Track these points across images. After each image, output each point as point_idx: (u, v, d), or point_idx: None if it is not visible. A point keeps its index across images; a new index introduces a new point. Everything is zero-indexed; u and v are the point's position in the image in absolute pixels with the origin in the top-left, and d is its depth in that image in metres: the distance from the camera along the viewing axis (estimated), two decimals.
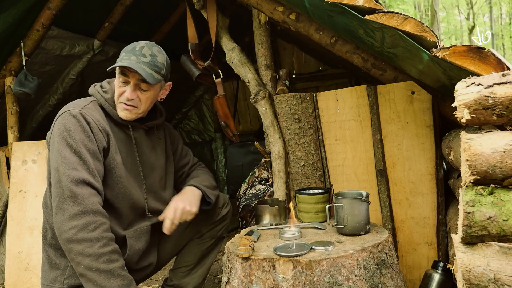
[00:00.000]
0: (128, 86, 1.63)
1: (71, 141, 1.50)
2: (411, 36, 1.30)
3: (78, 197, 1.43)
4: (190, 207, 1.74)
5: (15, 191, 2.68)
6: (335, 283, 1.38)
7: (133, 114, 1.68)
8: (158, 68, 1.65)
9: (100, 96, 1.68)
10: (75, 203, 1.42)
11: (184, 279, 1.96)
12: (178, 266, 1.99)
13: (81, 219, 1.41)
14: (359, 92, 2.16)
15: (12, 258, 2.55)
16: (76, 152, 1.49)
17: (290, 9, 2.18)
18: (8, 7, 2.46)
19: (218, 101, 2.59)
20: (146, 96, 1.67)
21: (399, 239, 2.14)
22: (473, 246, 1.10)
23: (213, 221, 1.97)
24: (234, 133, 2.67)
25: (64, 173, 1.46)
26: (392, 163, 2.12)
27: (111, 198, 1.63)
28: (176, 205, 1.73)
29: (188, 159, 2.06)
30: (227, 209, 2.02)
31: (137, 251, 1.70)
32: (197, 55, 2.60)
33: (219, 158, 5.45)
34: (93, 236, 1.41)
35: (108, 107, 1.67)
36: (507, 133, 1.05)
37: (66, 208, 1.43)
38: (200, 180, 1.93)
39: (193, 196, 1.81)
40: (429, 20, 16.23)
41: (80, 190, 1.44)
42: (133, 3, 3.19)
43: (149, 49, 1.65)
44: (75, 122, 1.53)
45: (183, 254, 1.98)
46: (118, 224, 1.66)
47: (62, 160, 1.48)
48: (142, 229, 1.73)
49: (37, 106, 3.44)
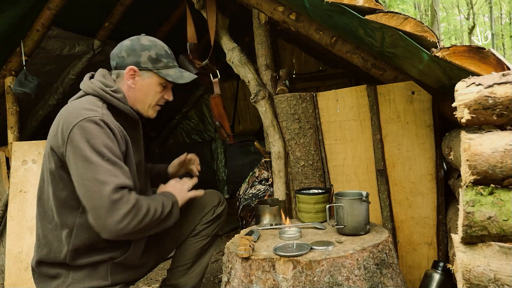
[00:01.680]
0: (167, 90, 1.76)
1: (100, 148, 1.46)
2: (411, 36, 1.30)
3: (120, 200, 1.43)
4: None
5: (15, 191, 2.68)
6: (335, 283, 1.38)
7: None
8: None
9: (111, 97, 1.62)
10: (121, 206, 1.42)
11: (182, 279, 1.96)
12: (175, 266, 1.99)
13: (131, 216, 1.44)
14: (359, 92, 2.16)
15: (12, 258, 2.55)
16: (107, 159, 1.46)
17: (290, 9, 2.18)
18: (8, 7, 2.46)
19: (214, 101, 2.59)
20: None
21: (399, 239, 2.14)
22: (473, 246, 1.10)
23: (209, 219, 1.97)
24: (228, 133, 2.66)
25: (101, 181, 1.42)
26: (392, 163, 2.12)
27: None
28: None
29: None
30: (222, 207, 2.03)
31: (138, 246, 1.71)
32: (196, 55, 2.60)
33: (219, 158, 5.45)
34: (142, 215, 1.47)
35: (123, 107, 1.63)
36: (507, 133, 1.05)
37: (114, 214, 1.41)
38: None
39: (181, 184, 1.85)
40: (429, 20, 16.24)
41: (120, 194, 1.43)
42: (133, 3, 3.19)
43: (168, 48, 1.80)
44: (99, 129, 1.48)
45: (180, 253, 1.99)
46: None
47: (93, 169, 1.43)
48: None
49: (37, 106, 3.44)
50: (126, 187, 1.46)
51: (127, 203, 1.44)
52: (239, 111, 5.23)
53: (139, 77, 1.70)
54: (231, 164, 4.88)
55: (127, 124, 1.68)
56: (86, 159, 1.44)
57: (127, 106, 1.66)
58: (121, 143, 1.56)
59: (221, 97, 2.61)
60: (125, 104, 1.65)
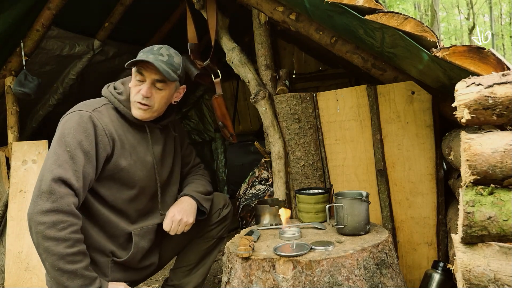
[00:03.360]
0: (144, 84, 1.64)
1: (69, 139, 1.50)
2: (411, 36, 1.30)
3: (53, 194, 1.42)
4: (187, 219, 1.77)
5: (15, 191, 2.68)
6: (335, 283, 1.38)
7: (148, 113, 1.68)
8: (174, 67, 1.67)
9: (114, 98, 1.67)
10: (48, 200, 1.41)
11: (184, 279, 1.97)
12: (179, 266, 1.99)
13: (51, 217, 1.40)
14: (359, 92, 2.16)
15: (12, 258, 2.55)
16: (69, 150, 1.49)
17: (290, 9, 2.18)
18: (8, 7, 2.46)
19: (216, 101, 2.59)
20: (161, 95, 1.67)
21: (399, 239, 2.14)
22: (473, 246, 1.10)
23: (214, 221, 1.97)
24: (231, 133, 2.66)
25: (49, 168, 1.46)
26: (392, 163, 2.12)
27: (115, 200, 1.66)
28: (174, 216, 1.75)
29: (190, 158, 2.07)
30: (227, 209, 2.03)
31: (141, 249, 1.73)
32: (197, 55, 2.60)
33: (219, 158, 5.45)
34: (60, 235, 1.41)
35: (123, 109, 1.67)
36: (507, 133, 1.05)
37: (39, 203, 1.41)
38: (195, 187, 1.92)
39: (190, 207, 1.81)
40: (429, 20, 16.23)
41: (57, 187, 1.43)
42: (133, 3, 3.19)
43: (167, 50, 1.68)
44: (80, 122, 1.54)
45: (184, 254, 1.99)
46: (125, 221, 1.69)
47: (53, 155, 1.49)
48: (148, 228, 1.76)
49: (37, 106, 3.44)
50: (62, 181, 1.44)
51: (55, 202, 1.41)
52: (239, 111, 5.23)
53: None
54: (231, 164, 4.88)
55: (130, 127, 1.70)
56: (53, 145, 1.53)
57: (126, 108, 1.68)
58: (105, 143, 1.58)
59: (223, 97, 2.61)
60: (124, 107, 1.68)
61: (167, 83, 1.67)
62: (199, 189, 1.91)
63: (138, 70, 1.64)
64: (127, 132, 1.68)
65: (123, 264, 1.69)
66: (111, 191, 1.64)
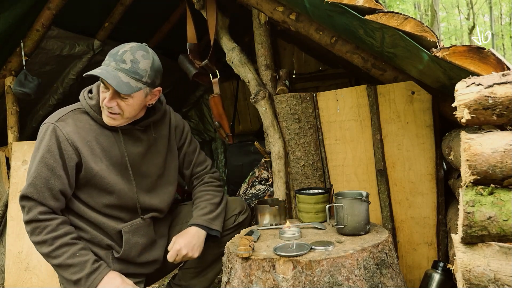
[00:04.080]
0: (108, 93, 1.59)
1: (35, 153, 1.64)
2: (411, 36, 1.30)
3: (24, 209, 1.61)
4: (192, 253, 1.75)
5: (15, 191, 2.68)
6: (335, 283, 1.38)
7: (118, 121, 1.64)
8: (139, 75, 1.57)
9: (86, 103, 1.69)
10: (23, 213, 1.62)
11: (192, 281, 1.96)
12: (188, 267, 1.98)
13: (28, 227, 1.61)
14: (359, 92, 2.16)
15: (12, 258, 2.55)
16: (34, 164, 1.62)
17: (290, 9, 2.18)
18: (8, 7, 2.46)
19: (213, 100, 2.58)
20: (128, 103, 1.60)
21: (399, 239, 2.14)
22: (473, 246, 1.10)
23: (229, 227, 1.94)
24: (227, 133, 2.65)
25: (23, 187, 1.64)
26: (392, 163, 2.12)
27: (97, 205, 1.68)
28: (180, 250, 1.72)
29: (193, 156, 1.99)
30: (244, 215, 1.99)
31: (134, 245, 1.72)
32: (196, 55, 2.60)
33: (219, 158, 5.45)
34: (39, 239, 1.58)
35: (93, 114, 1.67)
36: (507, 133, 1.05)
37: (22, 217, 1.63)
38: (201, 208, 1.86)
39: (197, 239, 1.77)
40: (429, 20, 16.23)
41: (26, 203, 1.61)
42: (133, 3, 3.18)
43: (132, 54, 1.57)
44: (44, 136, 1.65)
45: None
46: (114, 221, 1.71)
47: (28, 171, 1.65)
48: (138, 224, 1.75)
49: (37, 106, 3.44)
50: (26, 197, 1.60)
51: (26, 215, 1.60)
52: (239, 111, 5.23)
53: None
54: (231, 164, 4.87)
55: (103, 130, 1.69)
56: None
57: (95, 112, 1.68)
58: (69, 153, 1.62)
59: (220, 97, 2.60)
60: (94, 111, 1.68)
61: (131, 94, 1.58)
62: (206, 209, 1.85)
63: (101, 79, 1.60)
64: (99, 136, 1.67)
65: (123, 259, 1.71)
66: (91, 197, 1.68)
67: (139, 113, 1.72)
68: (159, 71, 1.67)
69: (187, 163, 1.98)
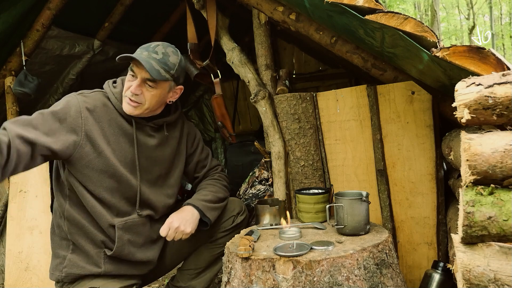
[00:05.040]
0: (135, 81, 1.65)
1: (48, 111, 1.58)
2: (411, 36, 1.30)
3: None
4: (185, 227, 1.73)
5: (15, 191, 2.68)
6: (335, 283, 1.38)
7: (138, 110, 1.68)
8: (168, 66, 1.66)
9: (109, 90, 1.73)
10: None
11: (191, 282, 1.96)
12: (187, 268, 1.98)
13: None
14: (359, 92, 2.16)
15: (12, 258, 2.55)
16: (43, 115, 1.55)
17: (290, 9, 2.18)
18: (8, 7, 2.46)
19: (216, 101, 2.59)
20: (152, 93, 1.67)
21: (399, 239, 2.14)
22: (473, 246, 1.10)
23: (227, 228, 1.94)
24: (230, 133, 2.66)
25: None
26: (392, 163, 2.12)
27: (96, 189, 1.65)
28: (172, 223, 1.73)
29: (206, 161, 2.04)
30: (242, 216, 1.99)
31: (127, 242, 1.70)
32: (196, 55, 2.60)
33: (219, 158, 5.46)
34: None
35: (114, 100, 1.70)
36: (507, 133, 1.05)
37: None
38: (203, 194, 1.88)
39: (191, 216, 1.78)
40: (429, 20, 16.23)
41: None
42: (133, 3, 3.19)
43: (164, 48, 1.68)
44: (60, 102, 1.64)
45: (193, 256, 1.97)
46: (110, 213, 1.68)
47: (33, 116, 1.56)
48: (133, 221, 1.73)
49: (37, 106, 3.44)
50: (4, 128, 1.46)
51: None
52: (239, 111, 5.23)
53: None
54: (231, 164, 4.88)
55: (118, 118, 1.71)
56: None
57: (117, 101, 1.71)
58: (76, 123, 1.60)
59: (222, 97, 2.61)
60: (116, 98, 1.71)
61: (158, 83, 1.65)
62: (207, 197, 1.87)
63: (131, 66, 1.66)
64: (113, 121, 1.69)
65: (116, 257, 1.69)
66: (91, 181, 1.64)
67: (158, 109, 1.76)
68: (184, 70, 1.77)
69: (200, 168, 2.02)
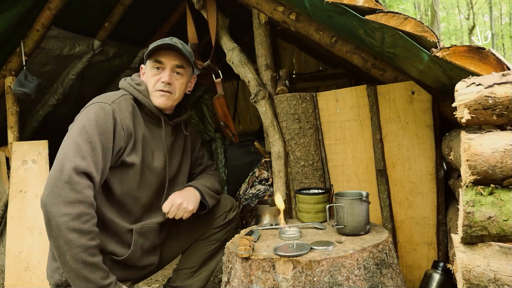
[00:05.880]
0: (164, 72, 1.68)
1: (90, 130, 1.49)
2: (411, 36, 1.30)
3: (77, 186, 1.40)
4: (187, 204, 1.75)
5: (15, 191, 2.68)
6: (335, 283, 1.38)
7: (170, 100, 1.71)
8: (189, 53, 1.72)
9: (133, 89, 1.69)
10: (72, 190, 1.39)
11: (187, 281, 1.96)
12: (182, 268, 1.99)
13: (76, 208, 1.39)
14: (359, 92, 2.16)
15: (12, 258, 2.55)
16: (91, 142, 1.48)
17: (290, 9, 2.18)
18: (8, 7, 2.46)
19: (218, 101, 2.60)
20: (181, 81, 1.73)
21: (399, 239, 2.14)
22: (473, 246, 1.10)
23: (220, 224, 1.96)
24: (233, 133, 2.67)
25: (71, 158, 1.43)
26: (392, 163, 2.12)
27: (121, 194, 1.65)
28: (174, 200, 1.75)
29: (203, 160, 2.08)
30: (234, 212, 2.02)
31: (139, 248, 1.72)
32: (197, 55, 2.60)
33: (219, 158, 5.45)
34: (85, 228, 1.40)
35: (143, 99, 1.69)
36: (507, 133, 1.05)
37: (62, 194, 1.38)
38: (203, 181, 1.93)
39: (193, 195, 1.81)
40: (429, 20, 16.23)
41: (80, 179, 1.41)
42: (133, 3, 3.18)
43: (178, 39, 1.74)
44: (101, 114, 1.54)
45: (188, 255, 1.98)
46: (126, 219, 1.68)
47: (74, 145, 1.46)
48: (149, 226, 1.75)
49: (37, 106, 3.44)
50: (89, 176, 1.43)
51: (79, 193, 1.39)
52: (239, 111, 5.23)
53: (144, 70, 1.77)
54: (231, 164, 4.88)
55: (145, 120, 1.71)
56: (73, 136, 1.49)
57: (147, 98, 1.70)
58: (121, 137, 1.58)
59: (224, 98, 2.61)
60: (144, 96, 1.69)
61: (185, 69, 1.73)
62: (206, 184, 1.91)
63: (156, 59, 1.68)
64: (142, 124, 1.69)
65: (122, 263, 1.69)
66: (121, 184, 1.63)
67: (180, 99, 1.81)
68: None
69: (197, 165, 2.05)
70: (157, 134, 1.74)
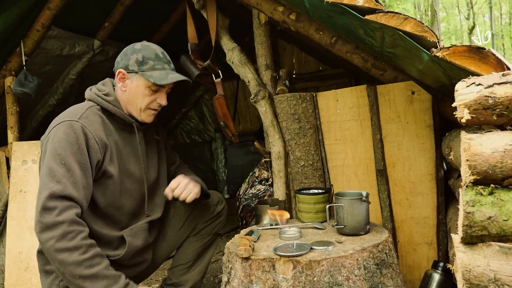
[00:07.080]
0: (160, 94, 1.71)
1: (62, 152, 1.49)
2: (411, 36, 1.30)
3: (54, 210, 1.42)
4: (194, 186, 1.78)
5: (15, 191, 2.68)
6: (335, 283, 1.37)
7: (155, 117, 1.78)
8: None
9: (102, 100, 1.67)
10: (50, 215, 1.42)
11: (183, 277, 1.97)
12: (176, 264, 2.00)
13: (57, 230, 1.41)
14: (359, 92, 2.16)
15: (12, 258, 2.55)
16: (65, 163, 1.48)
17: (290, 9, 2.18)
18: (8, 7, 2.46)
19: (218, 101, 2.59)
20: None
21: (399, 239, 2.14)
22: (473, 246, 1.10)
23: (209, 217, 1.98)
24: (233, 133, 2.67)
25: (47, 185, 1.45)
26: (392, 163, 2.12)
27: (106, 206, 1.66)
28: (181, 180, 1.77)
29: (176, 158, 2.09)
30: (222, 205, 2.04)
31: (134, 248, 1.73)
32: (197, 55, 2.60)
33: (219, 158, 5.45)
34: (72, 244, 1.41)
35: (113, 109, 1.67)
36: (507, 133, 1.05)
37: (42, 220, 1.42)
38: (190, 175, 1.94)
39: (196, 181, 1.85)
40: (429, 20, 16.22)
41: (57, 203, 1.43)
42: (133, 3, 3.19)
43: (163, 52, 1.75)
44: (70, 133, 1.52)
45: (181, 252, 2.00)
46: (114, 228, 1.69)
47: (49, 172, 1.47)
48: (138, 227, 1.75)
49: (37, 106, 3.44)
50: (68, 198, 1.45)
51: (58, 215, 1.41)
52: (239, 111, 5.23)
53: (128, 80, 1.71)
54: (231, 164, 4.88)
55: (117, 128, 1.70)
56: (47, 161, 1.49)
57: (118, 108, 1.69)
58: (96, 151, 1.57)
59: (224, 98, 2.61)
60: (115, 106, 1.68)
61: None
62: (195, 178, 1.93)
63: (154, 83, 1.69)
64: (113, 133, 1.67)
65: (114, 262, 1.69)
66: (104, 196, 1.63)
67: None
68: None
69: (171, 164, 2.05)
70: (130, 141, 1.73)
